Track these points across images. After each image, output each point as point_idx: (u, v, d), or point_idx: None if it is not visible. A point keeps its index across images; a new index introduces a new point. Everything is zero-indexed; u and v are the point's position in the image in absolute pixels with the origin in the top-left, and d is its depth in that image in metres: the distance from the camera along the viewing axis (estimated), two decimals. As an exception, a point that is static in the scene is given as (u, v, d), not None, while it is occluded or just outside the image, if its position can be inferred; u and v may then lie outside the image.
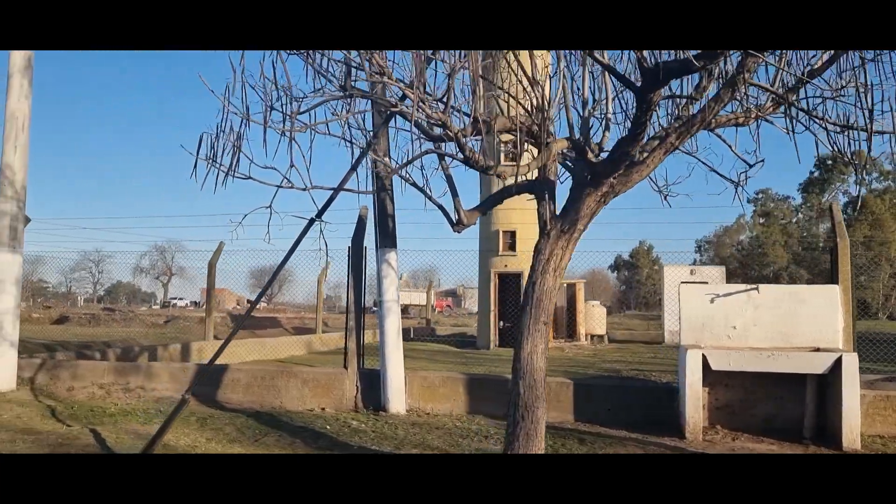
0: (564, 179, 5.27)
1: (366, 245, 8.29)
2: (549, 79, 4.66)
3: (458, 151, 4.11)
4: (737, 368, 6.48)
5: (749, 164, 4.97)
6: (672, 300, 20.22)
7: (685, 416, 6.53)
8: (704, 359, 6.48)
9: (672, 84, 4.33)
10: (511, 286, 19.23)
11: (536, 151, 4.68)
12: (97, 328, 25.88)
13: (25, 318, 33.54)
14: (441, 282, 71.75)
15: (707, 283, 20.54)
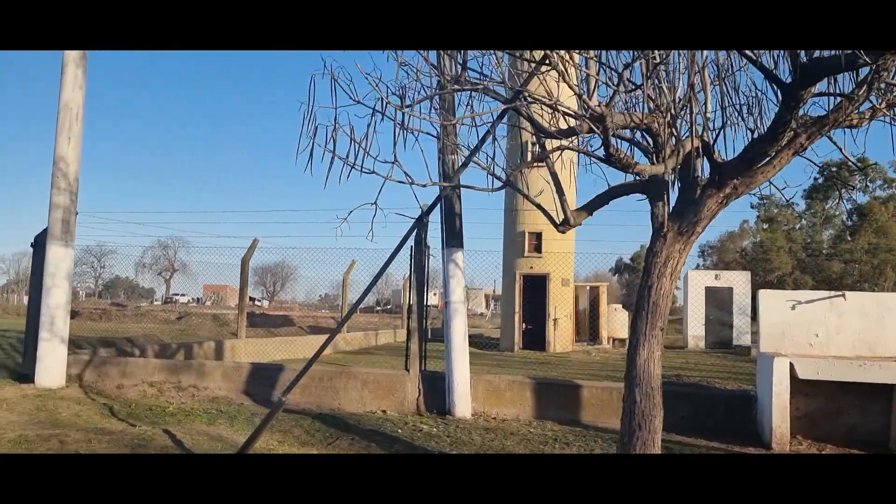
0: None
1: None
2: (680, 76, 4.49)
3: (603, 148, 3.94)
4: (825, 378, 6.32)
5: (859, 167, 4.82)
6: (696, 305, 20.12)
7: (770, 426, 6.36)
8: (791, 367, 6.32)
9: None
10: (536, 288, 19.07)
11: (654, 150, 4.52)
12: (109, 323, 25.65)
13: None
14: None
15: (732, 288, 20.47)
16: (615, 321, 20.95)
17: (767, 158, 4.36)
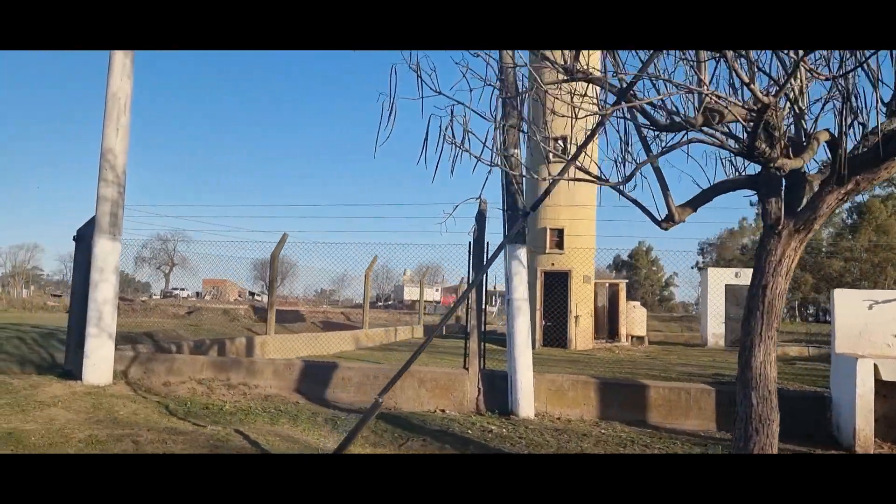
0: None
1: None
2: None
3: (748, 140, 3.77)
4: (912, 379, 6.19)
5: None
6: (716, 303, 20.01)
7: (852, 428, 6.22)
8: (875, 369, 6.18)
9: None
10: (557, 285, 18.92)
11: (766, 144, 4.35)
12: (119, 318, 25.33)
13: (40, 307, 32.97)
14: (445, 278, 71.47)
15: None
16: (634, 319, 20.82)
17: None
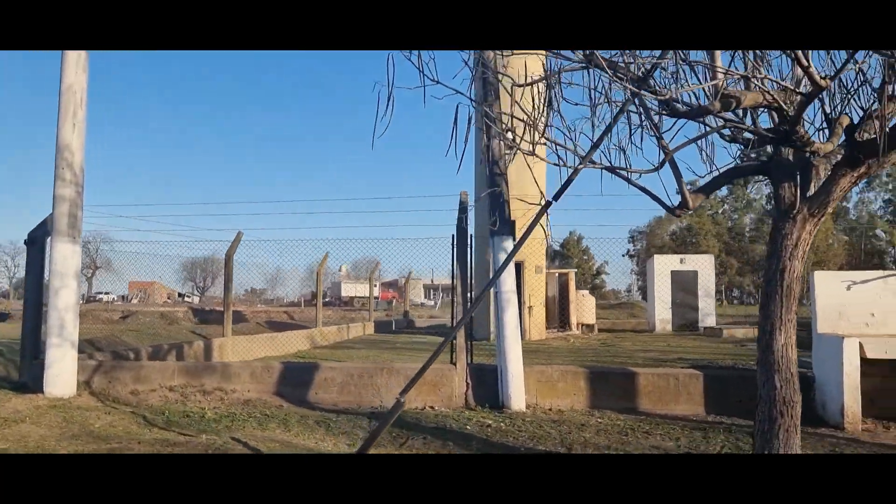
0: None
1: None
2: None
3: (789, 125, 3.77)
4: (894, 356, 6.41)
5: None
6: (662, 290, 20.50)
7: (840, 406, 6.41)
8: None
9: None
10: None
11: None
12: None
13: (-43, 315, 30.96)
14: (382, 273, 70.99)
15: (697, 271, 20.95)
16: (584, 307, 21.10)
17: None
